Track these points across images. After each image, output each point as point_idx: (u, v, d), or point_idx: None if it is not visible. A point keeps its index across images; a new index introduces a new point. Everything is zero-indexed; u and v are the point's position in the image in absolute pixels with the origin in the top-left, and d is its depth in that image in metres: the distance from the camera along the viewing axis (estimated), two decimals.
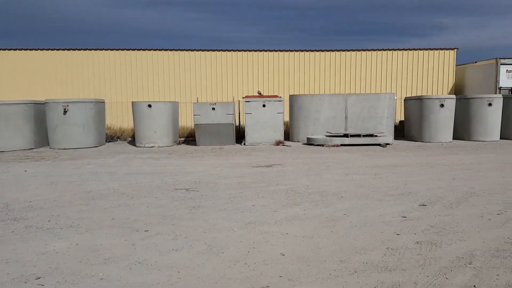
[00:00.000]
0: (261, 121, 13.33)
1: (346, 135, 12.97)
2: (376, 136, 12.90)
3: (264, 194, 5.81)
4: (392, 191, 5.92)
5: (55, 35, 77.25)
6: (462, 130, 14.22)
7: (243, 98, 13.98)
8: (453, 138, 13.92)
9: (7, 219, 4.66)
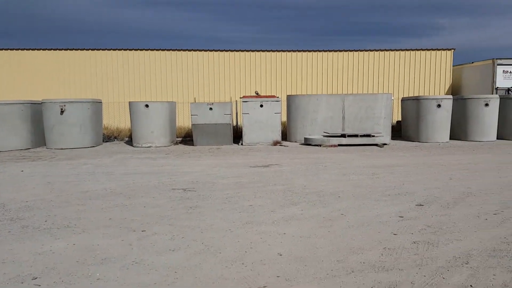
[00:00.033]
0: (259, 121, 13.33)
1: (344, 135, 12.99)
2: (374, 136, 12.92)
3: (262, 194, 5.81)
4: (389, 191, 5.93)
5: (55, 35, 77.12)
6: (459, 130, 14.27)
7: (241, 98, 13.97)
8: (450, 138, 13.96)
9: (4, 219, 4.64)
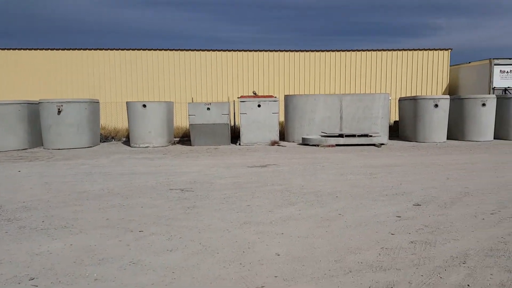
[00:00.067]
0: (256, 121, 13.33)
1: (341, 135, 13.00)
2: (371, 136, 12.94)
3: (259, 194, 5.81)
4: (387, 191, 5.94)
5: (55, 35, 77.07)
6: (456, 130, 14.30)
7: (238, 98, 13.97)
8: (447, 138, 14.00)
9: (1, 220, 4.62)
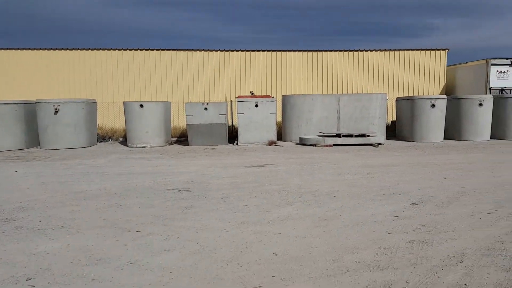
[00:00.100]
0: (254, 121, 13.33)
1: (339, 135, 13.02)
2: (368, 136, 12.96)
3: (257, 194, 5.81)
4: (384, 191, 5.95)
5: (52, 35, 76.95)
6: (453, 130, 14.34)
7: (236, 98, 13.96)
8: (444, 138, 14.03)
9: None
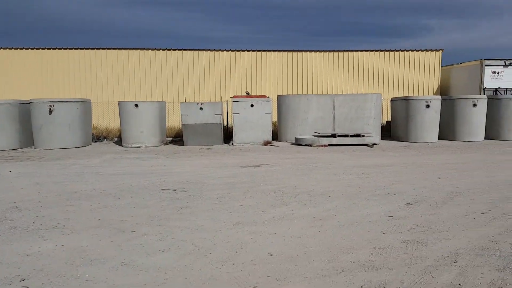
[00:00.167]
0: (249, 121, 13.33)
1: (334, 135, 13.04)
2: (363, 136, 13.00)
3: (252, 194, 5.80)
4: (379, 191, 5.97)
5: (46, 35, 76.52)
6: (448, 131, 14.41)
7: (231, 98, 13.96)
8: (439, 138, 14.10)
9: None
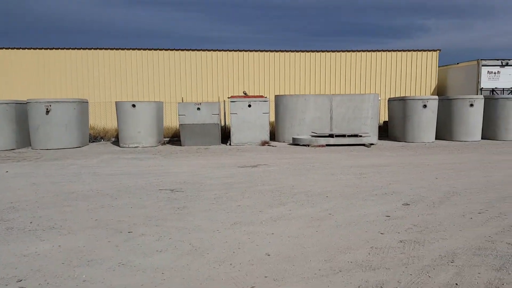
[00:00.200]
0: (247, 121, 13.33)
1: (331, 135, 13.06)
2: (361, 137, 13.01)
3: (250, 195, 5.80)
4: (376, 191, 5.98)
5: (43, 35, 76.19)
6: (445, 131, 14.45)
7: (229, 98, 13.95)
8: (436, 138, 14.13)
9: None
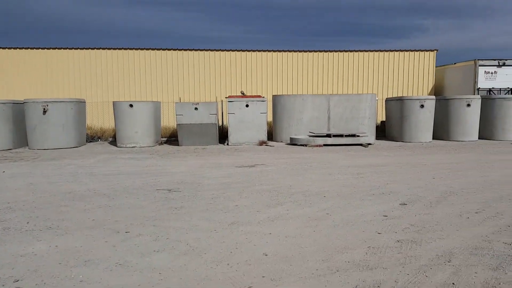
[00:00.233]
0: (245, 121, 13.33)
1: (329, 135, 13.07)
2: (358, 136, 13.03)
3: (247, 194, 5.80)
4: (374, 191, 5.99)
5: (41, 34, 75.83)
6: (442, 131, 14.48)
7: (226, 98, 13.94)
8: (433, 138, 14.17)
9: None
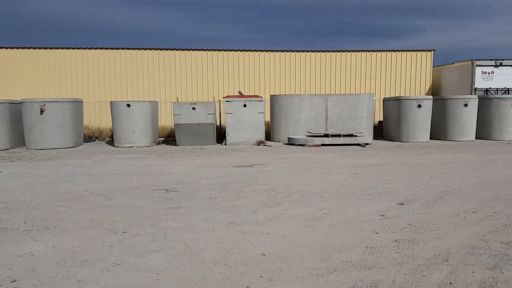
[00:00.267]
0: (242, 121, 13.32)
1: (327, 135, 13.08)
2: (356, 136, 13.05)
3: (245, 194, 5.80)
4: (371, 190, 6.00)
5: (38, 34, 75.68)
6: (439, 130, 14.52)
7: (224, 98, 13.94)
8: (430, 138, 14.20)
9: None
